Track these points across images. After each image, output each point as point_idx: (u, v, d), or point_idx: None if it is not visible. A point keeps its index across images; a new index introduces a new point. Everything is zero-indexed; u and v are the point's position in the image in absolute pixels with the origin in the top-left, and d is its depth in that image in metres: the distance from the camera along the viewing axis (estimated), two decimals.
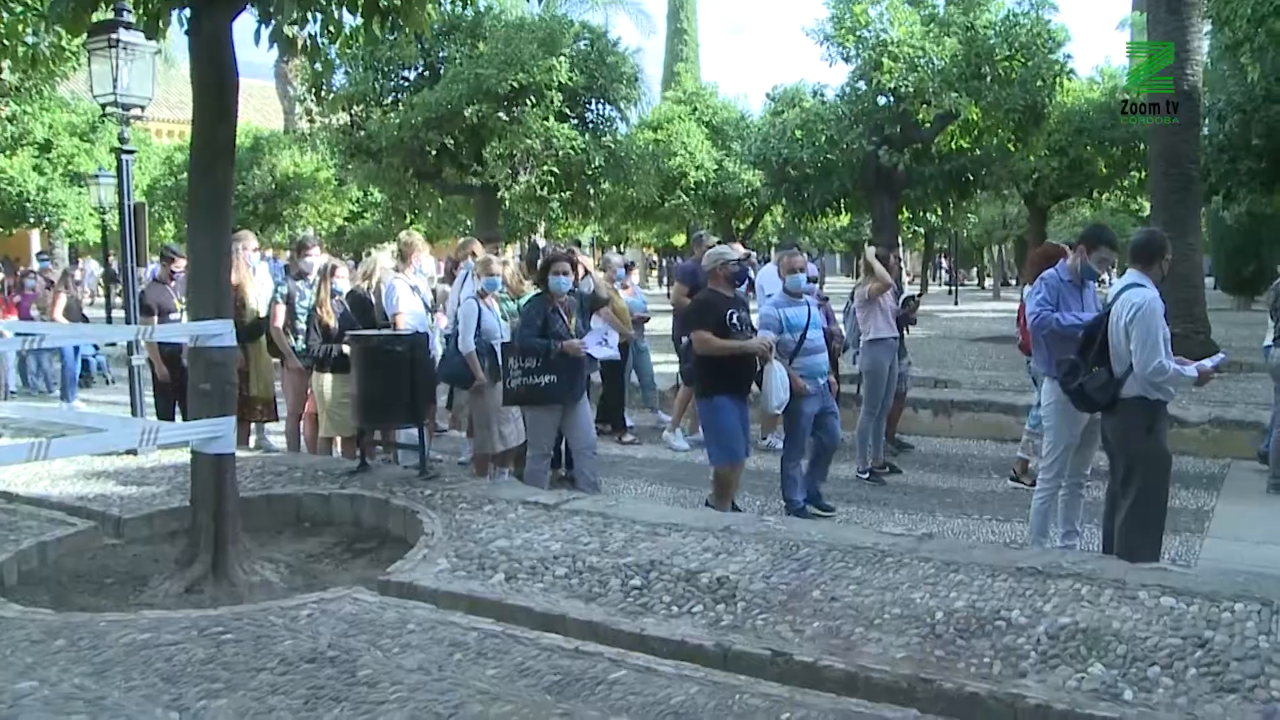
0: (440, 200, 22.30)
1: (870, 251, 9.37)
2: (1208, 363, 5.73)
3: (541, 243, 25.20)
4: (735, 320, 7.18)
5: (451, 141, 17.83)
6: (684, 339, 10.53)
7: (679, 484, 8.97)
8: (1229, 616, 4.22)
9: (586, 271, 9.55)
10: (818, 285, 11.12)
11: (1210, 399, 10.32)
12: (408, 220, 24.45)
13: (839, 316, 10.46)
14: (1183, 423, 9.30)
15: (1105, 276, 7.33)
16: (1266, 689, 3.70)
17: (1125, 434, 5.68)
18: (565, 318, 7.53)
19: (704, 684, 3.93)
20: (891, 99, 17.09)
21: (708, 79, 46.43)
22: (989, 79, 16.16)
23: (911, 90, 16.16)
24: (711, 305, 7.27)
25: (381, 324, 8.60)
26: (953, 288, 39.55)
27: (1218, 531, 7.31)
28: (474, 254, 10.28)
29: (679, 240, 36.32)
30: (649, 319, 12.02)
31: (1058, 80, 16.90)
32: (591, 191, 19.60)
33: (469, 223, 23.91)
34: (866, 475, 8.87)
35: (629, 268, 13.37)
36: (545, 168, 17.67)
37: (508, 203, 19.71)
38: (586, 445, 7.67)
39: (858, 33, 17.11)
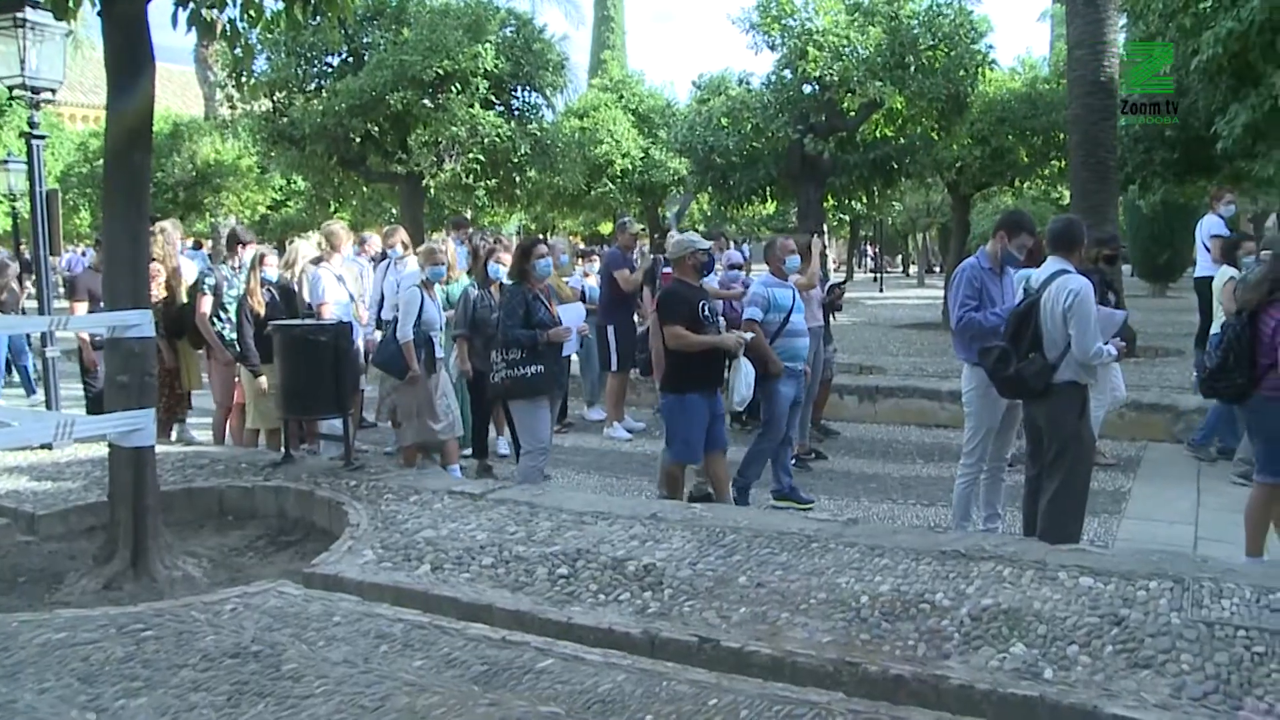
0: (365, 188, 22.03)
1: (816, 243, 9.25)
2: (1118, 341, 5.94)
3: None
4: (708, 312, 7.02)
5: (376, 129, 17.62)
6: (609, 328, 10.55)
7: (605, 472, 8.98)
8: (1144, 595, 4.33)
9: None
10: (743, 273, 11.18)
11: (1125, 383, 10.53)
12: (331, 209, 24.12)
13: None
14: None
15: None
16: (1177, 663, 3.81)
17: (1060, 418, 5.77)
18: (547, 304, 7.32)
19: (631, 671, 3.94)
20: (817, 87, 17.16)
21: (634, 66, 46.35)
22: (913, 68, 16.29)
23: (836, 79, 16.25)
24: (683, 298, 7.00)
25: (305, 314, 8.48)
26: (878, 275, 40.04)
27: (1134, 512, 7.50)
28: (404, 242, 10.22)
29: (606, 228, 36.27)
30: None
31: (980, 70, 17.10)
32: (517, 179, 19.50)
33: (394, 211, 23.66)
34: (793, 461, 8.94)
35: (586, 255, 13.29)
36: (471, 155, 17.54)
37: (433, 191, 19.55)
38: None
39: (783, 21, 17.16)
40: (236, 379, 8.67)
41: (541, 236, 9.67)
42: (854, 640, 4.20)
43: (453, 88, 16.90)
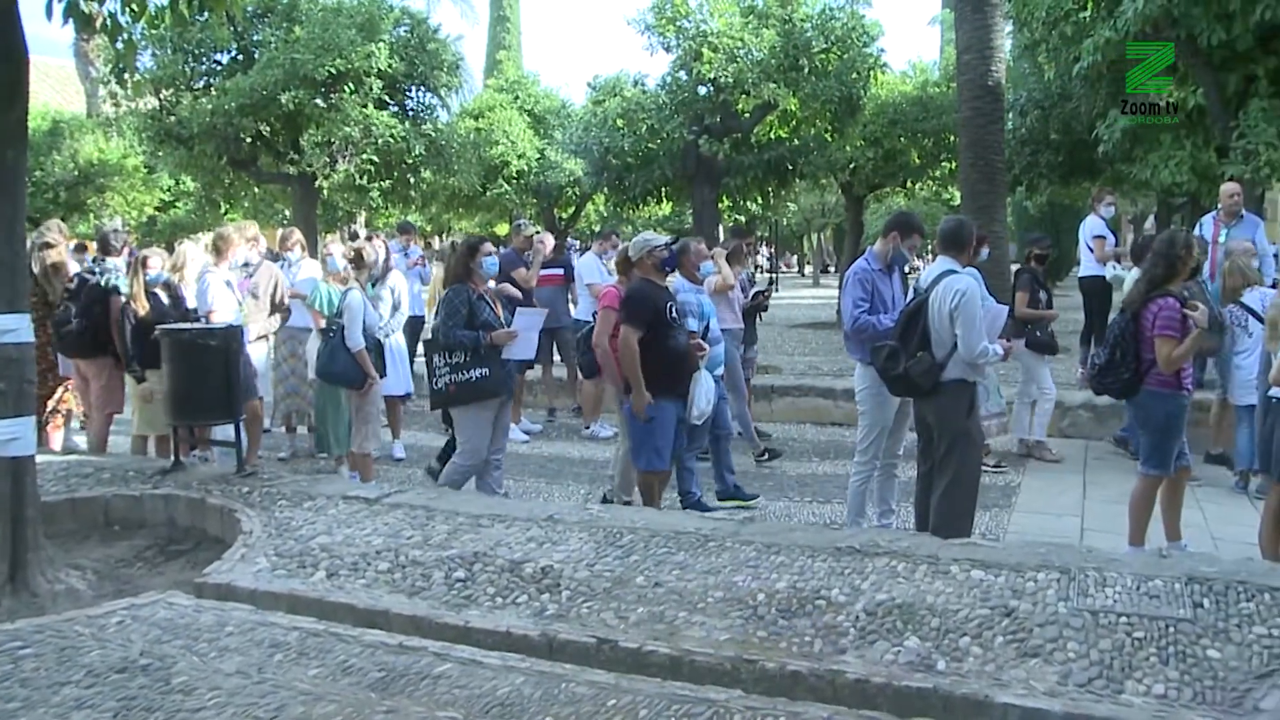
0: (256, 189, 21.60)
1: (720, 253, 9.21)
2: (1005, 341, 6.13)
3: (362, 233, 24.67)
4: (675, 313, 6.68)
5: (267, 128, 17.35)
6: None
7: (504, 474, 8.90)
8: (1032, 586, 4.44)
9: (390, 268, 9.30)
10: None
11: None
12: (222, 210, 23.58)
13: None
14: None
15: (918, 263, 7.61)
16: (1064, 651, 3.92)
17: (948, 415, 5.90)
18: (492, 305, 7.01)
19: (530, 674, 3.93)
20: (711, 89, 17.33)
21: (530, 67, 46.23)
22: (806, 71, 16.54)
23: (731, 81, 16.43)
24: (649, 297, 6.60)
25: (191, 317, 8.23)
26: (773, 275, 40.45)
27: (1023, 506, 7.70)
28: (302, 245, 10.06)
29: (502, 230, 36.04)
30: None
31: (872, 73, 17.45)
32: (412, 180, 19.32)
33: (286, 212, 23.25)
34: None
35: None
36: (364, 156, 17.34)
37: (326, 192, 19.24)
38: (497, 451, 7.22)
39: (678, 23, 17.30)
40: (121, 384, 8.38)
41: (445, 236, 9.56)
42: (751, 638, 4.24)
43: (346, 87, 16.69)
